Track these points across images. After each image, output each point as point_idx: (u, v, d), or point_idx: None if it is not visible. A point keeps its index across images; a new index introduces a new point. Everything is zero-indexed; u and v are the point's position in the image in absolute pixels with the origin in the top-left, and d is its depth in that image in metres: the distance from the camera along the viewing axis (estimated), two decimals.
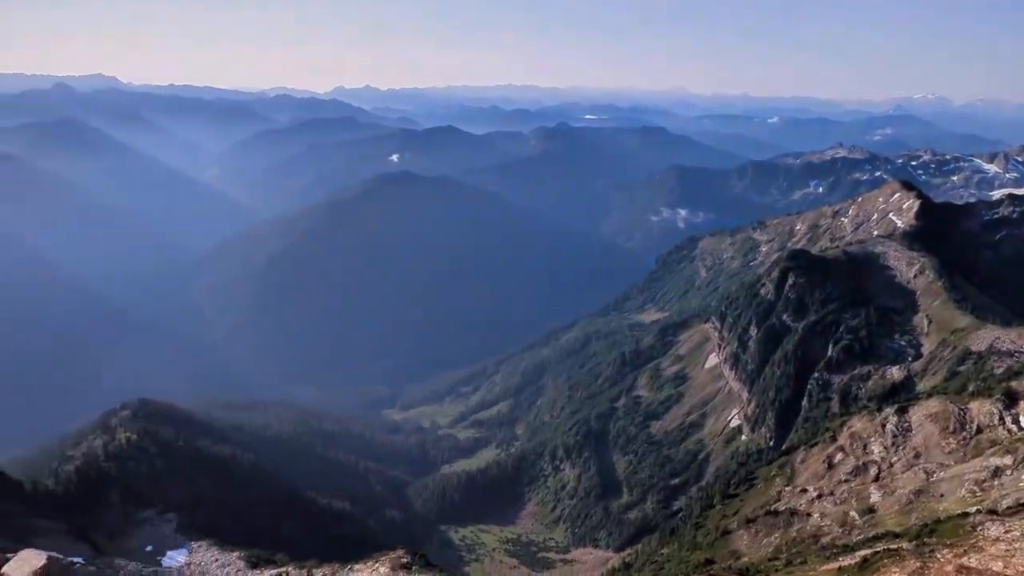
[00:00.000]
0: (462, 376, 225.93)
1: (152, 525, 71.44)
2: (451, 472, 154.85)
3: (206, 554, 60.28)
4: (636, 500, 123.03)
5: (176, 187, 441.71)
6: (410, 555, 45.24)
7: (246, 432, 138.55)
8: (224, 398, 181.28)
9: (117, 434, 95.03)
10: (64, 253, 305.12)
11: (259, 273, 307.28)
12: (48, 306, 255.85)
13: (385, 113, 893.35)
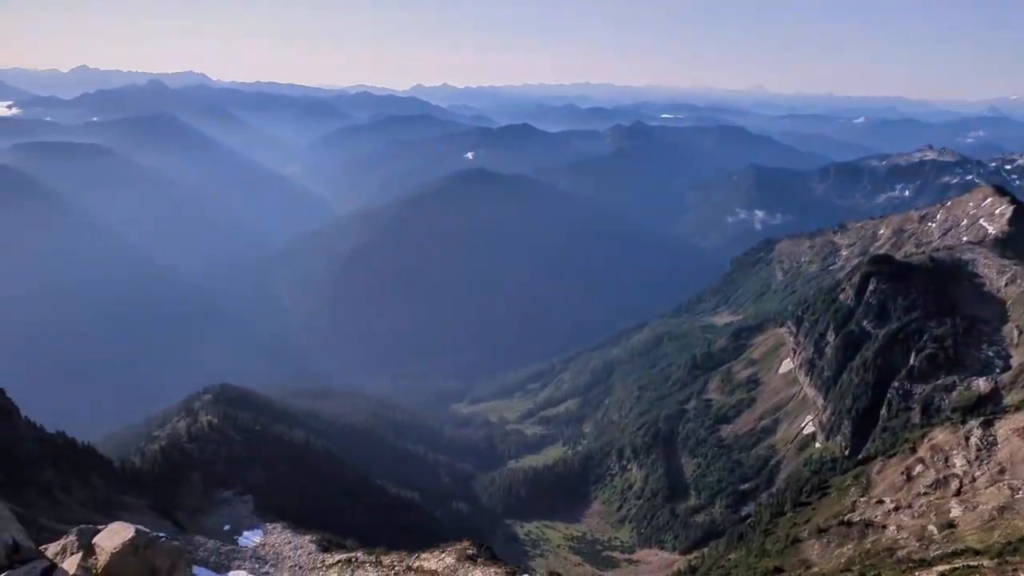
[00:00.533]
0: (531, 373, 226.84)
1: (230, 505, 74.81)
2: (518, 467, 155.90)
3: (280, 536, 62.74)
4: (704, 503, 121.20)
5: (260, 181, 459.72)
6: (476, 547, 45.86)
7: (321, 420, 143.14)
8: (300, 386, 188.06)
9: (199, 417, 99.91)
10: (154, 243, 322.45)
11: (337, 266, 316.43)
12: (138, 293, 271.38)
13: (461, 111, 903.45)
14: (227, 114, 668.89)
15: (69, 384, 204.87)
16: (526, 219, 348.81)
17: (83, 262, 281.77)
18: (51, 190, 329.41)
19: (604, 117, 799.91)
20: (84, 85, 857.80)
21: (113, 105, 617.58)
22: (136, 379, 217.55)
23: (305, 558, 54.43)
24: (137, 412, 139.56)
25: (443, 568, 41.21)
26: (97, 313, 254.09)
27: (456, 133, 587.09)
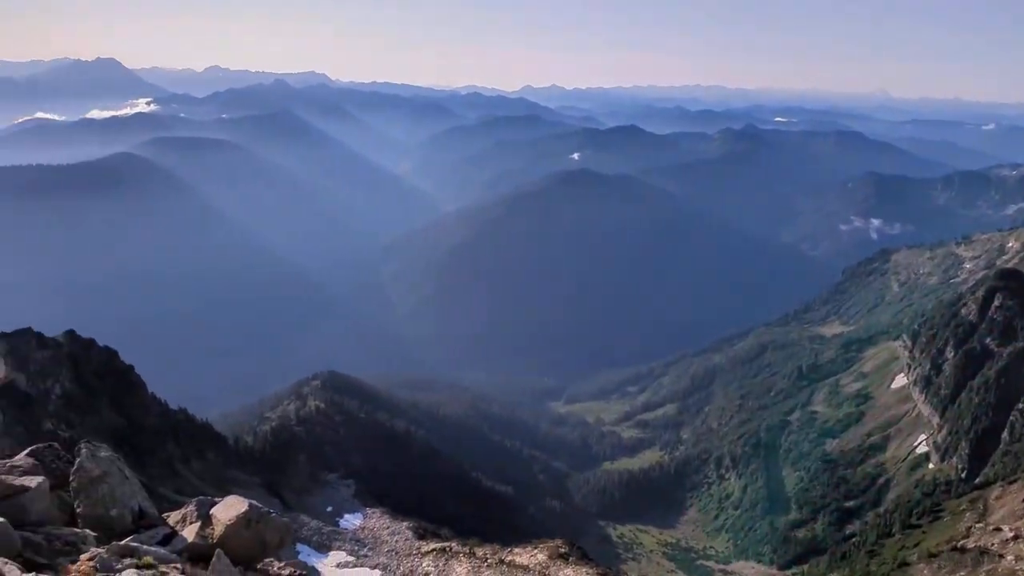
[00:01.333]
0: (629, 375, 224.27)
1: (333, 488, 78.21)
2: (613, 469, 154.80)
3: (379, 520, 65.02)
4: (805, 519, 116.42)
5: (372, 178, 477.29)
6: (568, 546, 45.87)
7: (420, 410, 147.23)
8: (402, 376, 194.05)
9: (308, 401, 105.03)
10: (272, 233, 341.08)
11: (442, 261, 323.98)
12: (256, 281, 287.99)
13: (569, 112, 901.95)
14: (344, 112, 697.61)
15: (191, 364, 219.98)
16: (629, 220, 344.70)
17: (207, 250, 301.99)
18: (181, 181, 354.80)
19: (714, 120, 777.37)
20: (216, 84, 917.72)
21: (241, 103, 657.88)
22: (251, 361, 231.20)
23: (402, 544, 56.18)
24: (251, 393, 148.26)
25: (535, 564, 41.43)
26: (218, 298, 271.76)
27: (563, 134, 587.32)
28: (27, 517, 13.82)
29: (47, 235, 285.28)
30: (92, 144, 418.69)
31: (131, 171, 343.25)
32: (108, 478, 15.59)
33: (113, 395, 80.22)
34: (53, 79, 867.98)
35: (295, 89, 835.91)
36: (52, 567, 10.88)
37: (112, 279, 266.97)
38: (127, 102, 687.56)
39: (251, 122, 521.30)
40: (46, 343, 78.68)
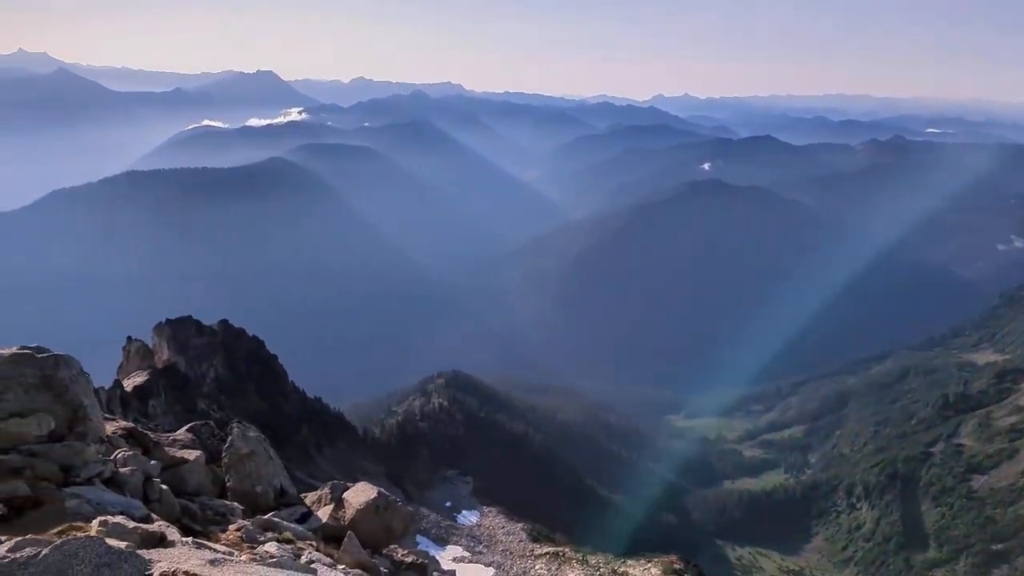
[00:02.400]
0: (754, 393, 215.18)
1: (452, 484, 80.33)
2: (733, 488, 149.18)
3: (495, 520, 66.14)
4: (946, 558, 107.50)
5: (501, 185, 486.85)
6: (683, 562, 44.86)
7: (538, 414, 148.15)
8: (521, 379, 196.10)
9: (432, 398, 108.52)
10: (405, 236, 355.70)
11: (565, 268, 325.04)
12: (389, 280, 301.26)
13: (701, 122, 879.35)
14: (478, 122, 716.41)
15: (328, 355, 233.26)
16: (760, 232, 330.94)
17: (347, 249, 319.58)
18: (326, 184, 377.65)
19: (858, 130, 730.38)
20: (360, 94, 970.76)
21: (382, 112, 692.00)
22: (381, 356, 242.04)
23: (516, 545, 56.86)
24: (380, 386, 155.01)
25: None
26: (354, 295, 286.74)
27: (693, 143, 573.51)
28: (185, 487, 15.35)
29: (209, 231, 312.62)
30: (250, 149, 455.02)
31: (283, 175, 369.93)
32: (255, 457, 17.03)
33: (258, 381, 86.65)
34: (219, 90, 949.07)
35: (432, 99, 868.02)
36: (205, 534, 12.04)
37: (263, 273, 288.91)
38: (282, 111, 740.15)
39: (390, 130, 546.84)
40: (203, 331, 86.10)
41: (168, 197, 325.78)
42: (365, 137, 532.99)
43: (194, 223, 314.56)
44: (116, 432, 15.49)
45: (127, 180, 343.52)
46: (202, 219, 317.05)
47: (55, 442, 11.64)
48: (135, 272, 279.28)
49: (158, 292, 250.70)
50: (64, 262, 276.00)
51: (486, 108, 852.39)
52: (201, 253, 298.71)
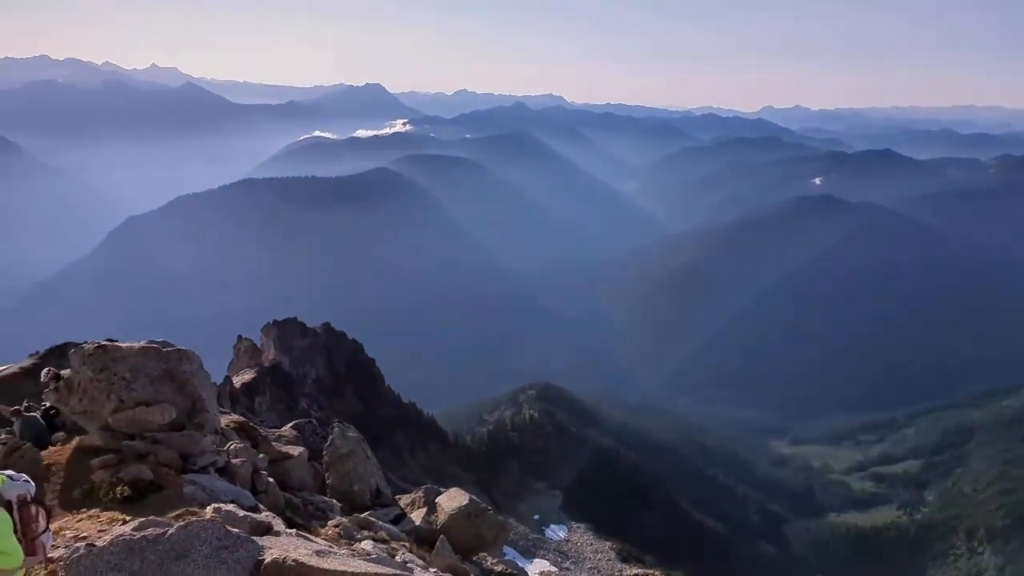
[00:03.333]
0: (865, 422, 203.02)
1: (540, 497, 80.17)
2: (839, 521, 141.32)
3: (583, 536, 65.49)
4: None
5: (599, 196, 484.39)
6: None
7: (630, 431, 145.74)
8: (614, 395, 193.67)
9: (523, 409, 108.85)
10: (501, 245, 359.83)
11: (663, 282, 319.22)
12: (485, 288, 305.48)
13: (813, 134, 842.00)
14: (577, 133, 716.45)
15: (423, 361, 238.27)
16: (875, 251, 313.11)
17: (444, 258, 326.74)
18: (427, 194, 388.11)
19: (990, 144, 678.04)
20: (463, 106, 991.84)
21: (483, 124, 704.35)
22: (473, 364, 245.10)
23: (604, 564, 56.05)
24: (471, 394, 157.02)
25: None
26: (450, 303, 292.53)
27: (804, 157, 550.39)
28: (289, 481, 16.06)
29: (316, 237, 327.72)
30: (357, 159, 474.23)
31: (387, 184, 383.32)
32: (354, 456, 17.64)
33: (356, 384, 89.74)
34: (330, 102, 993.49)
35: (533, 111, 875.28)
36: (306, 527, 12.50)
37: (364, 278, 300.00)
38: (387, 123, 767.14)
39: (490, 142, 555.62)
40: (307, 332, 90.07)
41: (280, 204, 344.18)
42: (465, 148, 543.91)
43: (302, 229, 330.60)
44: (229, 425, 16.42)
45: (243, 187, 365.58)
46: (310, 225, 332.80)
47: (175, 431, 12.46)
48: (247, 273, 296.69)
49: (267, 293, 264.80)
50: (186, 262, 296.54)
51: (586, 119, 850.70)
52: (307, 257, 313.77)
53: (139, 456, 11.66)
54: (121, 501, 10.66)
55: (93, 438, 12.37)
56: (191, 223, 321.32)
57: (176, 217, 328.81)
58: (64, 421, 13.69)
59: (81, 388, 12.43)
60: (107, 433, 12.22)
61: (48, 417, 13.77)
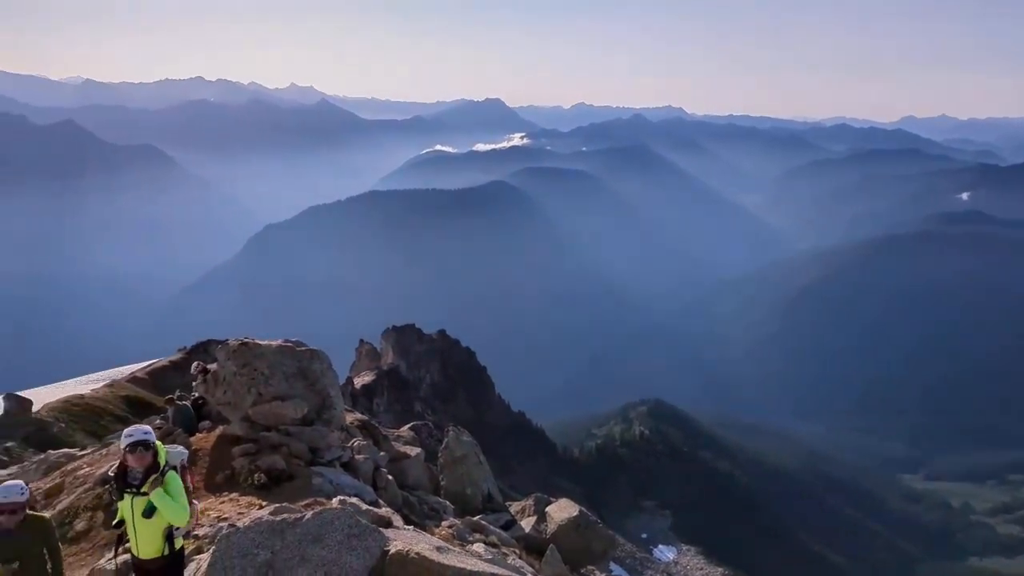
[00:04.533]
0: (1014, 460, 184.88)
1: (649, 516, 78.57)
2: (981, 567, 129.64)
3: (692, 560, 63.61)
4: None
5: (720, 210, 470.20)
6: None
7: (746, 455, 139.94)
8: (730, 416, 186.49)
9: (634, 426, 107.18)
10: (615, 260, 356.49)
11: (788, 302, 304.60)
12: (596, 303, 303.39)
13: (960, 145, 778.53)
14: (697, 145, 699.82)
15: (533, 371, 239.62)
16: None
17: (557, 270, 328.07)
18: (542, 207, 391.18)
19: None
20: (580, 119, 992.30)
21: (600, 137, 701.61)
22: (584, 377, 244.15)
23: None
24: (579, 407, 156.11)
25: None
26: (562, 315, 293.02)
27: (950, 170, 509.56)
28: (406, 480, 16.74)
29: (434, 247, 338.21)
30: (475, 172, 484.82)
31: (503, 197, 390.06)
32: (467, 460, 18.15)
33: (468, 390, 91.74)
34: (452, 117, 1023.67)
35: (651, 123, 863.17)
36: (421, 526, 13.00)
37: (481, 288, 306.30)
38: (506, 136, 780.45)
39: (607, 154, 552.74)
40: (423, 338, 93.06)
41: (401, 215, 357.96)
42: (581, 161, 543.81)
43: (422, 239, 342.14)
44: (353, 423, 17.34)
45: (368, 199, 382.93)
46: (429, 236, 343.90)
47: (306, 425, 13.35)
48: (371, 280, 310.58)
49: (388, 299, 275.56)
50: (316, 268, 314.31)
51: (707, 131, 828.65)
52: (426, 267, 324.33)
53: (274, 447, 12.58)
54: (258, 487, 11.58)
55: (235, 428, 13.46)
56: (321, 232, 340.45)
57: (308, 226, 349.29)
58: (210, 411, 15.00)
59: (226, 381, 13.57)
60: (247, 424, 13.26)
61: (196, 407, 15.14)
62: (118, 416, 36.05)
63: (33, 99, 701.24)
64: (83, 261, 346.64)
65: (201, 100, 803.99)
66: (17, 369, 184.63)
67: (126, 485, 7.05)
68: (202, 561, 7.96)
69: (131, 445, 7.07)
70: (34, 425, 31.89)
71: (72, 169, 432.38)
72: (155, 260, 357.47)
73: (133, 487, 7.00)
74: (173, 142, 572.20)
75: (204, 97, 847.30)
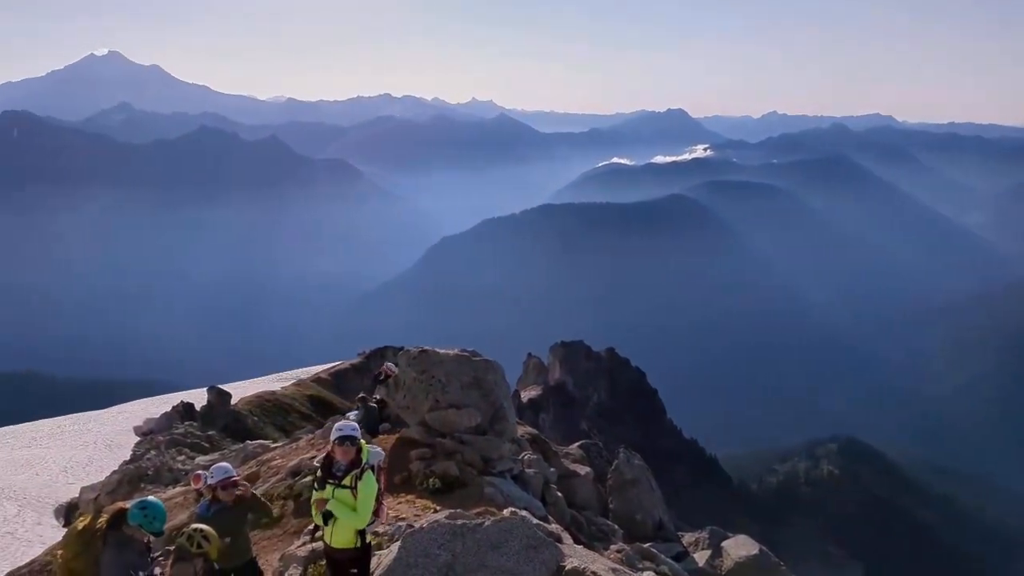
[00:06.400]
0: None
1: (836, 565, 72.33)
2: None
3: None
4: None
5: (931, 229, 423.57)
6: None
7: (956, 507, 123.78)
8: (937, 460, 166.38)
9: (821, 464, 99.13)
10: (805, 281, 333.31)
11: (1009, 336, 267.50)
12: (783, 328, 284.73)
13: None
14: (909, 157, 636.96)
15: (705, 396, 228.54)
16: None
17: (740, 289, 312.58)
18: (725, 223, 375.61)
19: None
20: (770, 130, 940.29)
21: (794, 148, 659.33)
22: (765, 405, 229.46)
23: None
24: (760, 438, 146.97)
25: None
26: (745, 339, 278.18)
27: None
28: (574, 499, 16.49)
29: (606, 262, 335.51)
30: (653, 186, 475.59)
31: (682, 211, 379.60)
32: (638, 485, 17.55)
33: (637, 412, 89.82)
34: (631, 129, 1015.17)
35: (854, 132, 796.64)
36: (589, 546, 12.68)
37: (654, 306, 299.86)
38: (687, 148, 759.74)
39: (801, 167, 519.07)
40: (591, 356, 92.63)
41: (574, 228, 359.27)
42: (772, 174, 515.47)
43: (594, 253, 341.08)
44: (524, 436, 17.44)
45: (542, 212, 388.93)
46: (601, 250, 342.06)
47: (479, 435, 13.59)
48: (540, 293, 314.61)
49: (557, 313, 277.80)
50: (489, 279, 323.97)
51: (921, 141, 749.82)
52: (596, 281, 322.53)
53: (448, 453, 12.90)
54: (432, 491, 11.94)
55: (412, 432, 14.01)
56: (495, 244, 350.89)
57: (483, 238, 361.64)
58: (389, 414, 15.78)
59: (405, 386, 14.18)
60: (423, 429, 13.75)
61: (378, 409, 16.00)
62: (303, 414, 39.58)
63: (244, 117, 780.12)
64: (280, 267, 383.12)
65: (388, 116, 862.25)
66: (219, 363, 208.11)
67: (330, 476, 7.56)
68: (382, 556, 8.26)
69: (340, 439, 7.59)
70: (232, 416, 35.88)
71: (274, 181, 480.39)
72: (341, 267, 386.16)
73: (336, 478, 7.48)
74: (361, 156, 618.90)
75: (391, 113, 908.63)
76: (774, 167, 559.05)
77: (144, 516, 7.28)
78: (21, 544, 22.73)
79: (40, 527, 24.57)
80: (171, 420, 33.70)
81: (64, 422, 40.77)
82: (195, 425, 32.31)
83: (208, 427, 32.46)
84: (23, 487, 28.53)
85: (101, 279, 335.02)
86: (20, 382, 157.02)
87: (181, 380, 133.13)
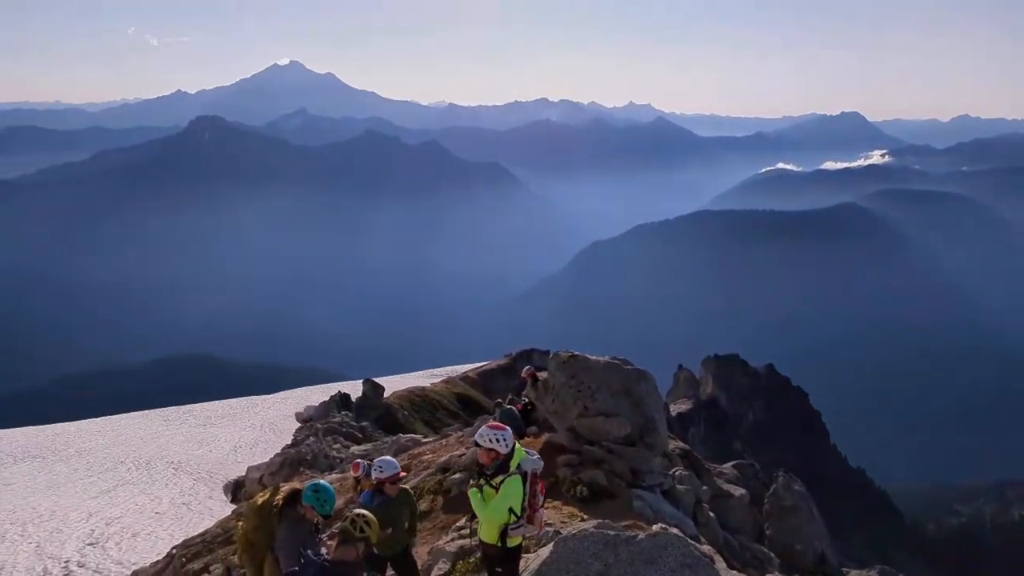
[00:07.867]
0: None
1: None
2: None
3: None
4: None
5: None
6: None
7: None
8: None
9: (1011, 508, 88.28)
10: (999, 297, 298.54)
11: None
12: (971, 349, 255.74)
13: None
14: None
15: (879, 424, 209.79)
16: None
17: (918, 307, 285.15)
18: (904, 235, 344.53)
19: None
20: (961, 134, 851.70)
21: (987, 154, 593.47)
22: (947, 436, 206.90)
23: None
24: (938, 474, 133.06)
25: None
26: (920, 359, 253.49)
27: None
28: (727, 521, 15.56)
29: (766, 273, 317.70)
30: (822, 193, 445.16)
31: (853, 220, 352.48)
32: (798, 513, 16.32)
33: (797, 435, 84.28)
34: (799, 133, 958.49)
35: None
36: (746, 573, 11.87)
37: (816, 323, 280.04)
38: (862, 154, 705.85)
39: (993, 175, 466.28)
40: (748, 371, 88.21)
41: (730, 236, 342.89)
42: (960, 182, 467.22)
43: (751, 263, 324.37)
44: (675, 450, 16.74)
45: (697, 219, 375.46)
46: (759, 260, 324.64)
47: (628, 445, 13.15)
48: (691, 303, 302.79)
49: (707, 325, 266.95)
50: (636, 287, 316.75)
51: None
52: (752, 293, 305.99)
53: (596, 462, 12.59)
54: (579, 499, 11.68)
55: (560, 437, 13.82)
56: (646, 250, 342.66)
57: (634, 244, 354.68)
58: (536, 417, 15.69)
59: (554, 391, 14.02)
60: (571, 435, 13.52)
61: (525, 411, 15.95)
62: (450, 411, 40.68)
63: (407, 122, 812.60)
64: (439, 267, 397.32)
65: (544, 120, 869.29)
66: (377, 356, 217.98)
67: (481, 473, 7.86)
68: (530, 560, 8.24)
69: (475, 443, 7.93)
70: (384, 409, 37.51)
71: (434, 184, 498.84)
72: (494, 269, 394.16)
73: (486, 476, 7.74)
74: (518, 160, 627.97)
75: (547, 117, 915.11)
76: (962, 174, 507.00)
77: (316, 498, 7.76)
78: (194, 515, 24.53)
79: (211, 500, 26.53)
80: (328, 409, 35.49)
81: (235, 404, 44.50)
82: (350, 415, 33.90)
83: (362, 418, 34.09)
84: (198, 463, 31.10)
85: (279, 271, 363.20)
86: (200, 363, 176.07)
87: (340, 370, 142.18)
